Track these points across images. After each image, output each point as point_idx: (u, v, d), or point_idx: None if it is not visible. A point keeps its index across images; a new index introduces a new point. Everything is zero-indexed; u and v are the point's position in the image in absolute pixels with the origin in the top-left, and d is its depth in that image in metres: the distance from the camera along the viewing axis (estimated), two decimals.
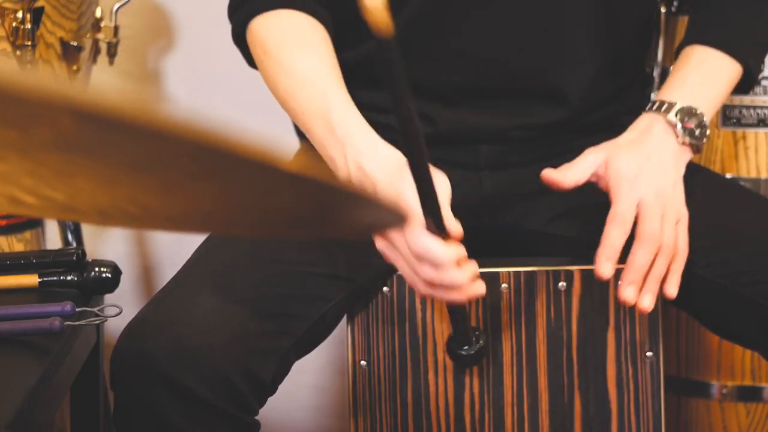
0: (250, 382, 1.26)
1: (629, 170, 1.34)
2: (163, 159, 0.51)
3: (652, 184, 1.34)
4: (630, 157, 1.35)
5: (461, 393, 1.43)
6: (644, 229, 1.32)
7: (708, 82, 1.42)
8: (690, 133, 1.37)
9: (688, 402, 1.85)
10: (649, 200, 1.33)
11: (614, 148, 1.37)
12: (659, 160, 1.36)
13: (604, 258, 1.32)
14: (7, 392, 1.11)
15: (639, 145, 1.37)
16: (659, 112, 1.39)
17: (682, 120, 1.38)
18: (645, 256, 1.32)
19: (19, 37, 1.62)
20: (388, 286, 1.42)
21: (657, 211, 1.33)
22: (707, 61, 1.43)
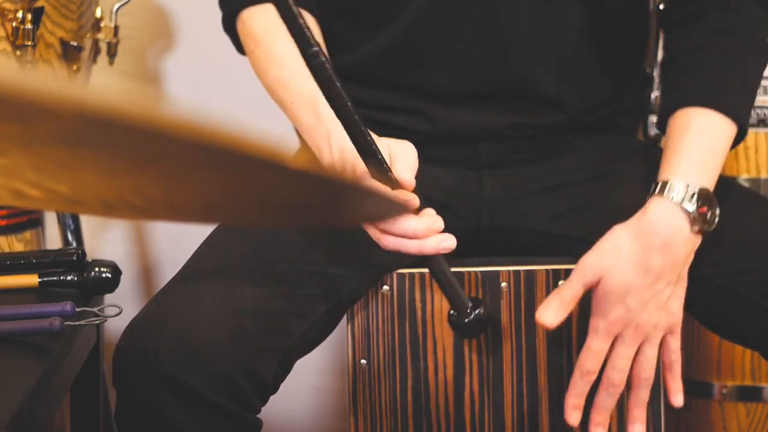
0: (251, 381, 1.26)
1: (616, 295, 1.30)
2: (166, 153, 0.52)
3: (635, 314, 1.31)
4: (623, 272, 1.30)
5: (461, 392, 1.43)
6: (610, 375, 1.33)
7: (713, 154, 1.35)
8: (703, 219, 1.31)
9: (688, 402, 1.85)
10: (628, 332, 1.32)
11: (611, 262, 1.31)
12: (657, 275, 1.31)
13: (570, 407, 1.35)
14: (7, 392, 1.11)
15: (640, 252, 1.31)
16: (671, 199, 1.31)
17: (698, 205, 1.31)
18: (610, 401, 1.34)
19: (19, 37, 1.62)
20: (388, 284, 1.42)
21: (627, 351, 1.32)
22: (710, 127, 1.36)
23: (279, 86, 1.38)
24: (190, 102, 2.13)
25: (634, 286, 1.31)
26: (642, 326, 1.32)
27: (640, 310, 1.31)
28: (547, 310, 1.33)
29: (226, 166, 0.54)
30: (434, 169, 1.46)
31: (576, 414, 1.35)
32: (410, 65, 1.46)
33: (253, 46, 1.42)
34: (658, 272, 1.31)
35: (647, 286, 1.31)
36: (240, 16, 1.43)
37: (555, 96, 1.46)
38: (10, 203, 0.65)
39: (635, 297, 1.31)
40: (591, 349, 1.33)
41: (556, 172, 1.48)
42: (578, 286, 1.32)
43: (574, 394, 1.34)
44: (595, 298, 1.33)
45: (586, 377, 1.33)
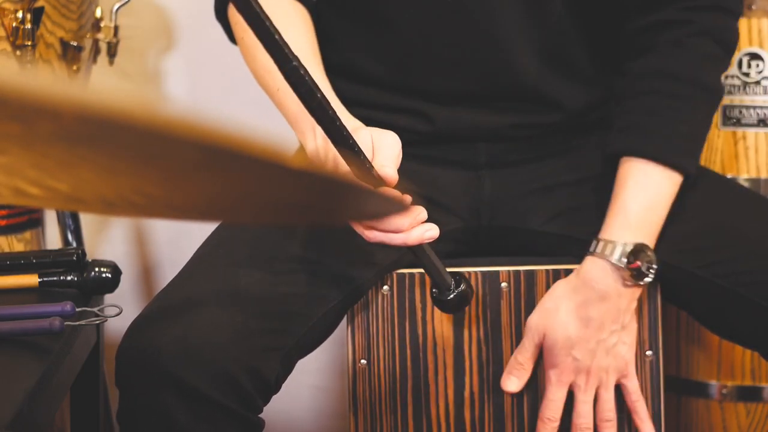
0: (254, 381, 1.26)
1: (562, 346, 1.38)
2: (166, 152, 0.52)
3: (583, 363, 1.38)
4: (564, 325, 1.38)
5: (461, 392, 1.43)
6: (577, 422, 1.41)
7: (653, 208, 1.38)
8: (637, 274, 1.36)
9: (688, 402, 1.85)
10: (581, 384, 1.39)
11: (550, 314, 1.39)
12: (600, 322, 1.37)
13: None
14: (7, 392, 1.11)
15: (578, 306, 1.38)
16: (603, 256, 1.37)
17: (629, 261, 1.36)
18: None
19: (19, 37, 1.62)
20: (388, 284, 1.42)
21: (586, 396, 1.40)
22: (649, 182, 1.38)
23: (266, 73, 1.37)
24: (189, 102, 2.13)
25: (576, 337, 1.38)
26: (592, 372, 1.39)
27: (588, 359, 1.38)
28: (509, 379, 1.42)
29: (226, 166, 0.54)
30: (434, 169, 1.46)
31: None
32: (409, 65, 1.45)
33: (242, 33, 1.41)
34: (599, 324, 1.37)
35: (590, 336, 1.37)
36: (231, 4, 1.43)
37: (553, 96, 1.46)
38: (11, 201, 0.65)
39: (580, 347, 1.38)
40: (549, 399, 1.40)
41: (555, 171, 1.48)
42: (530, 347, 1.41)
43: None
44: (545, 352, 1.40)
45: (548, 425, 1.41)
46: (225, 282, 1.30)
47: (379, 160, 1.19)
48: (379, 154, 1.20)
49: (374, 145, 1.21)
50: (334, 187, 0.61)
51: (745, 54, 1.79)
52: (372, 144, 1.21)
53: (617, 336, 1.39)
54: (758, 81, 1.79)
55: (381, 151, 1.21)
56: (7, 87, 0.44)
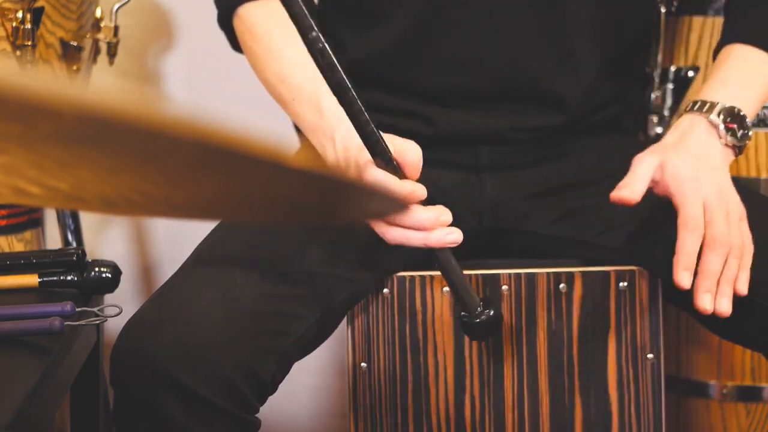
0: (249, 381, 1.26)
1: (688, 171, 1.30)
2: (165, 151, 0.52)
3: (713, 183, 1.31)
4: (684, 158, 1.32)
5: (462, 395, 1.43)
6: (714, 234, 1.28)
7: (750, 81, 1.39)
8: (733, 134, 1.34)
9: (688, 402, 1.85)
10: (714, 201, 1.29)
11: (664, 150, 1.33)
12: (709, 160, 1.33)
13: (682, 267, 1.28)
14: (7, 392, 1.11)
15: (686, 147, 1.34)
16: (701, 112, 1.35)
17: (725, 121, 1.34)
18: (718, 262, 1.28)
19: (19, 37, 1.61)
20: (389, 287, 1.42)
21: (722, 212, 1.29)
22: (749, 59, 1.41)
23: (279, 83, 1.37)
24: (189, 102, 2.13)
25: (696, 163, 1.30)
26: (723, 196, 1.30)
27: (711, 185, 1.30)
28: (623, 188, 1.30)
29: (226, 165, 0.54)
30: (435, 171, 1.46)
31: (687, 275, 1.28)
32: (411, 67, 1.45)
33: (252, 42, 1.41)
34: (708, 157, 1.32)
35: (707, 166, 1.31)
36: (237, 12, 1.43)
37: (557, 98, 1.46)
38: (12, 201, 0.65)
39: (703, 172, 1.30)
40: (689, 209, 1.29)
41: (557, 174, 1.48)
42: (643, 169, 1.31)
43: (685, 252, 1.28)
44: (667, 178, 1.30)
45: (694, 232, 1.28)
46: (222, 282, 1.30)
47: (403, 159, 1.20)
48: (403, 154, 1.21)
49: (396, 148, 1.21)
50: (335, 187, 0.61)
51: None
52: (394, 147, 1.21)
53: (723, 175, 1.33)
54: None
55: (404, 152, 1.21)
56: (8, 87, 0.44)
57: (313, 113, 1.32)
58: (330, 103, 1.28)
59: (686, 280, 1.27)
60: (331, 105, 1.28)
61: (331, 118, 1.29)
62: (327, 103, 1.29)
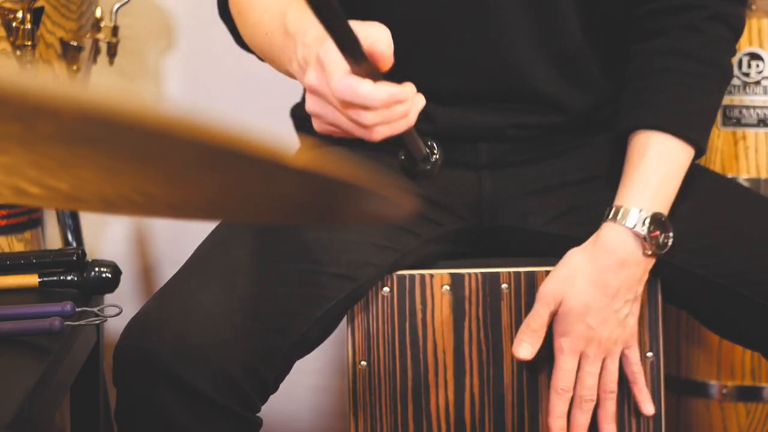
0: (252, 380, 1.26)
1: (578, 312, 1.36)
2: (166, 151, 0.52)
3: (595, 332, 1.37)
4: (583, 293, 1.36)
5: (461, 393, 1.43)
6: (581, 393, 1.39)
7: (669, 179, 1.38)
8: (655, 243, 1.36)
9: (688, 402, 1.85)
10: (592, 351, 1.38)
11: (567, 286, 1.37)
12: (613, 293, 1.36)
13: (556, 429, 1.39)
14: (7, 392, 1.11)
15: (599, 268, 1.36)
16: (622, 223, 1.36)
17: (650, 230, 1.35)
18: (584, 418, 1.40)
19: (19, 37, 1.62)
20: (389, 286, 1.42)
21: (593, 368, 1.39)
22: (667, 152, 1.38)
23: (258, 28, 1.31)
24: (189, 102, 2.13)
25: (592, 305, 1.36)
26: (603, 342, 1.38)
27: (600, 328, 1.37)
28: (521, 345, 1.39)
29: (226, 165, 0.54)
30: None
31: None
32: (409, 67, 1.45)
33: (237, 9, 1.37)
34: (615, 291, 1.36)
35: (605, 305, 1.36)
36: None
37: (555, 97, 1.46)
38: (12, 201, 0.65)
39: (595, 315, 1.36)
40: (561, 368, 1.39)
41: (556, 172, 1.48)
42: (542, 313, 1.38)
43: (556, 414, 1.39)
44: (558, 320, 1.38)
45: (562, 396, 1.39)
46: (223, 281, 1.30)
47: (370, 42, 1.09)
48: (369, 38, 1.09)
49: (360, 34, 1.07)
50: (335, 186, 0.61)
51: (745, 54, 1.79)
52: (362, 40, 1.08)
53: (629, 307, 1.38)
54: (758, 81, 1.79)
55: (370, 36, 1.11)
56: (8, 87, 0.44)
57: (280, 35, 1.24)
58: (292, 17, 1.21)
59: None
60: (293, 19, 1.21)
61: (293, 30, 1.21)
62: (290, 18, 1.22)
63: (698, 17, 1.41)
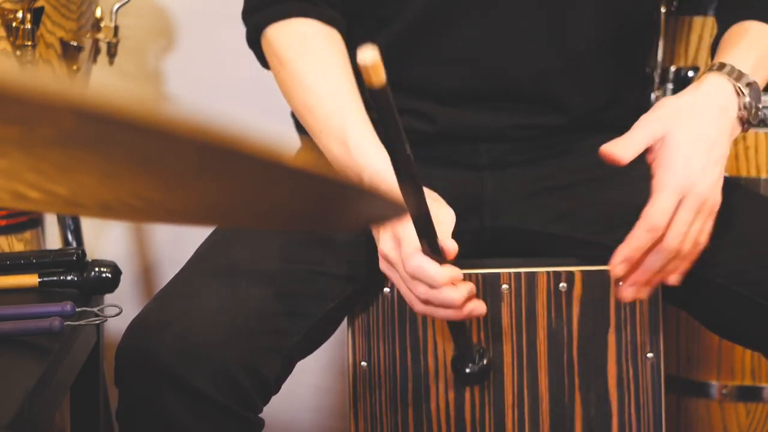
0: (254, 380, 1.26)
1: (683, 153, 1.28)
2: (164, 155, 0.52)
3: (701, 171, 1.28)
4: (687, 138, 1.29)
5: (462, 394, 1.43)
6: (669, 239, 1.27)
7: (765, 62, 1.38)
8: (749, 109, 1.33)
9: (688, 402, 1.85)
10: (689, 198, 1.28)
11: (673, 119, 1.30)
12: (715, 137, 1.30)
13: (622, 257, 1.28)
14: (7, 392, 1.11)
15: (700, 115, 1.31)
16: (729, 76, 1.34)
17: (750, 94, 1.33)
18: (658, 264, 1.29)
19: (19, 37, 1.62)
20: (389, 287, 1.42)
21: (690, 213, 1.28)
22: (765, 35, 1.40)
23: (306, 112, 1.37)
24: (189, 102, 2.13)
25: (697, 147, 1.29)
26: (701, 194, 1.28)
27: (702, 176, 1.28)
28: (614, 145, 1.29)
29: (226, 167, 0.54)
30: (435, 170, 1.46)
31: (622, 267, 1.29)
32: (412, 65, 1.45)
33: (279, 66, 1.40)
34: (714, 142, 1.30)
35: (707, 151, 1.29)
36: (265, 35, 1.41)
37: (559, 97, 1.46)
38: (10, 205, 0.65)
39: (699, 159, 1.29)
40: (660, 204, 1.27)
41: (557, 172, 1.48)
42: (643, 134, 1.30)
43: (632, 246, 1.27)
44: (663, 153, 1.29)
45: (651, 233, 1.27)
46: (225, 282, 1.30)
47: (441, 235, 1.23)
48: (439, 228, 1.22)
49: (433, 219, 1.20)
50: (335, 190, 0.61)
51: None
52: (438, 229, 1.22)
53: (719, 167, 1.31)
54: None
55: (440, 226, 1.23)
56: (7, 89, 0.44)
57: (340, 148, 1.33)
58: (356, 139, 1.30)
59: (621, 271, 1.29)
60: (357, 142, 1.30)
61: (357, 156, 1.31)
62: (353, 140, 1.31)
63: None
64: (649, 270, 1.29)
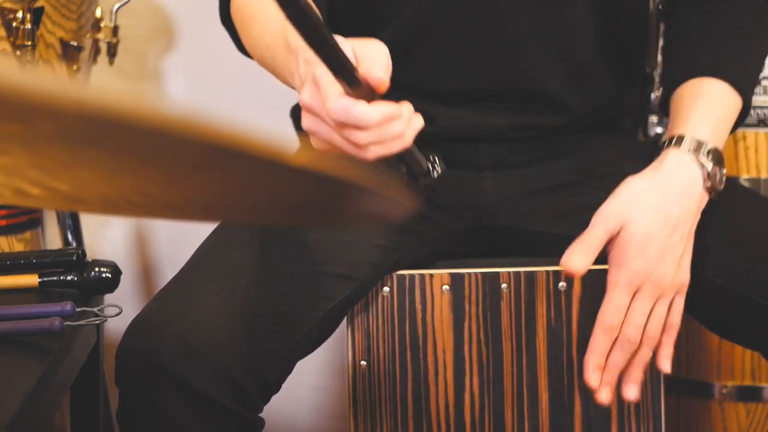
0: (255, 380, 1.26)
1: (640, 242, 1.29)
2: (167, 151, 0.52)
3: (654, 266, 1.30)
4: (647, 221, 1.30)
5: (461, 393, 1.43)
6: (626, 333, 1.31)
7: (724, 121, 1.36)
8: (714, 178, 1.33)
9: (688, 402, 1.85)
10: (646, 287, 1.31)
11: (632, 208, 1.31)
12: (674, 224, 1.31)
13: (592, 367, 1.31)
14: (7, 392, 1.11)
15: (658, 201, 1.31)
16: (687, 151, 1.33)
17: (713, 163, 1.32)
18: (622, 358, 1.32)
19: (19, 37, 1.62)
20: (389, 286, 1.42)
21: (648, 302, 1.31)
22: (722, 96, 1.37)
23: (260, 40, 1.31)
24: (189, 102, 2.13)
25: (655, 234, 1.30)
26: (659, 281, 1.30)
27: (659, 262, 1.30)
28: (572, 256, 1.30)
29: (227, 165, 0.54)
30: None
31: (596, 376, 1.31)
32: (410, 66, 1.45)
33: (240, 18, 1.36)
34: (676, 222, 1.31)
35: (666, 236, 1.30)
36: (232, 2, 1.40)
37: (559, 97, 1.46)
38: (12, 202, 0.65)
39: (656, 246, 1.30)
40: (613, 303, 1.30)
41: (557, 172, 1.48)
42: (600, 234, 1.31)
43: (596, 353, 1.31)
44: (616, 248, 1.31)
45: (609, 334, 1.30)
46: (225, 282, 1.30)
47: (366, 66, 1.07)
48: (365, 61, 1.07)
49: (357, 56, 1.08)
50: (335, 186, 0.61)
51: None
52: (354, 55, 1.08)
53: (684, 244, 1.32)
54: (759, 81, 1.79)
55: (366, 58, 1.08)
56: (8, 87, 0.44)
57: (283, 50, 1.23)
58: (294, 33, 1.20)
59: (594, 381, 1.31)
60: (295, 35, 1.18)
61: (294, 44, 1.18)
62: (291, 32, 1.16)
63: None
64: (616, 367, 1.32)
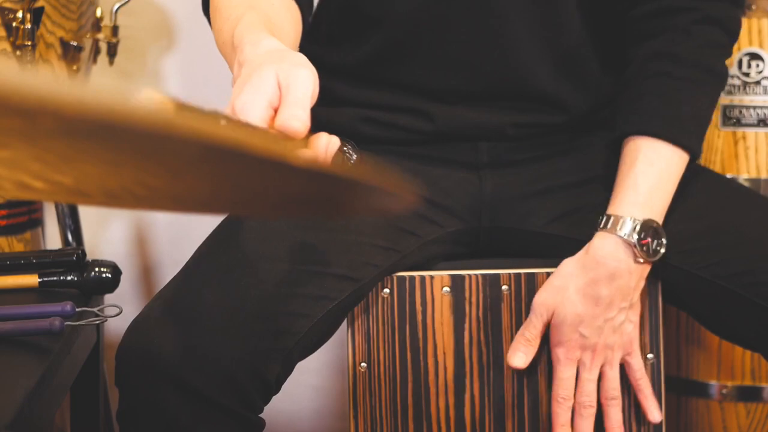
0: (255, 381, 1.26)
1: (572, 323, 1.38)
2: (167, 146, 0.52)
3: (590, 336, 1.38)
4: (575, 303, 1.37)
5: (461, 395, 1.43)
6: (580, 401, 1.40)
7: (661, 185, 1.38)
8: (646, 251, 1.36)
9: (688, 402, 1.85)
10: (587, 362, 1.39)
11: (562, 292, 1.38)
12: (610, 300, 1.37)
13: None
14: (7, 392, 1.11)
15: (588, 284, 1.37)
16: (614, 231, 1.36)
17: (640, 238, 1.35)
18: (588, 425, 1.41)
19: (19, 37, 1.61)
20: (389, 287, 1.41)
21: (592, 374, 1.40)
22: (658, 158, 1.38)
23: (218, 36, 1.29)
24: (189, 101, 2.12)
25: (584, 315, 1.37)
26: (599, 350, 1.39)
27: (595, 336, 1.38)
28: (515, 354, 1.41)
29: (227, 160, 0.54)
30: (435, 169, 1.46)
31: None
32: (410, 64, 1.45)
33: (212, 10, 1.34)
34: (608, 302, 1.37)
35: (598, 314, 1.37)
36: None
37: (556, 96, 1.46)
38: (15, 195, 0.65)
39: (587, 325, 1.37)
40: (560, 378, 1.40)
41: (556, 172, 1.48)
42: (538, 324, 1.40)
43: (559, 423, 1.41)
44: (553, 330, 1.40)
45: (563, 404, 1.40)
46: (225, 282, 1.30)
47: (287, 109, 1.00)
48: (287, 99, 1.01)
49: (281, 86, 1.03)
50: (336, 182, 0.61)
51: (745, 54, 1.79)
52: (279, 85, 1.03)
53: (624, 314, 1.38)
54: (758, 81, 1.79)
55: (289, 95, 1.01)
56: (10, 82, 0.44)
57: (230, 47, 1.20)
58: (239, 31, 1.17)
59: None
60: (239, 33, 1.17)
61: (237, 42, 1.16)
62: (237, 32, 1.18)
63: (689, 20, 1.41)
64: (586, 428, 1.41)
